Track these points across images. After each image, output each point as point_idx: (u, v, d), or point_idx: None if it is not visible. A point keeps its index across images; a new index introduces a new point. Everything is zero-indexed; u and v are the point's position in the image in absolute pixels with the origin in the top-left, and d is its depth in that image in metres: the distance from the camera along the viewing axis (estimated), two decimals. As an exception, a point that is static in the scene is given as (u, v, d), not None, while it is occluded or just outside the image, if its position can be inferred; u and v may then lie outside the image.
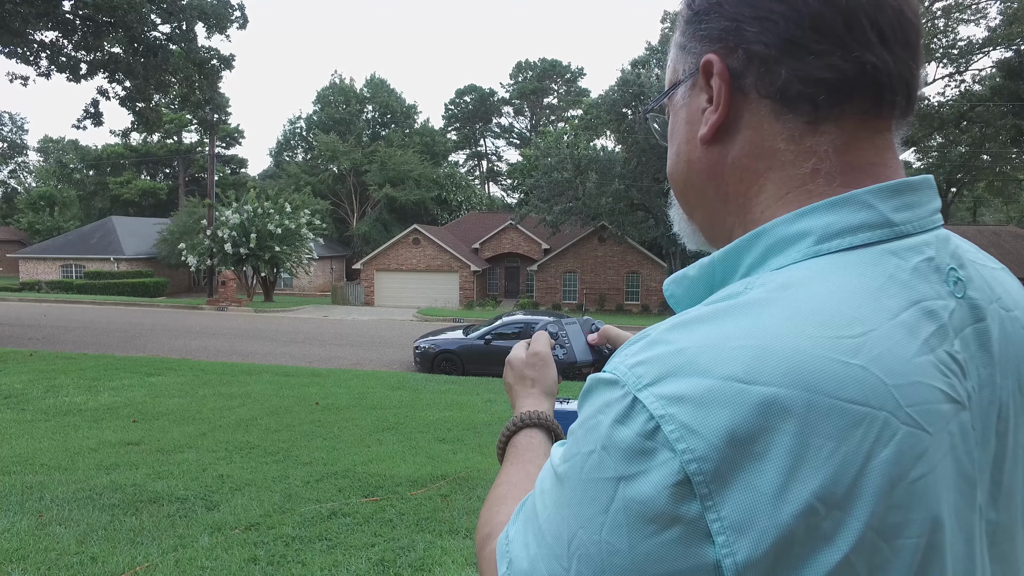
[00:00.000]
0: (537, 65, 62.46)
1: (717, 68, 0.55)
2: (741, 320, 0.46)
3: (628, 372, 0.46)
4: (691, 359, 0.44)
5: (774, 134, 0.53)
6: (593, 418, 0.47)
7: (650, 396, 0.44)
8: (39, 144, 64.76)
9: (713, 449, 0.41)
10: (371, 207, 49.45)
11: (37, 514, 4.08)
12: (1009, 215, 50.00)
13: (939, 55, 29.94)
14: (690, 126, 0.60)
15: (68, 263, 36.23)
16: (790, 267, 0.50)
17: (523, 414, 0.82)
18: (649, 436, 0.43)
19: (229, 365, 11.62)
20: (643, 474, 0.43)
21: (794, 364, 0.42)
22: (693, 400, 0.42)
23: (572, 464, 0.48)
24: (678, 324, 0.48)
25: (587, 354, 0.96)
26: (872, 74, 0.50)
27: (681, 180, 0.63)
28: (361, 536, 3.83)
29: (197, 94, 17.25)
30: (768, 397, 0.41)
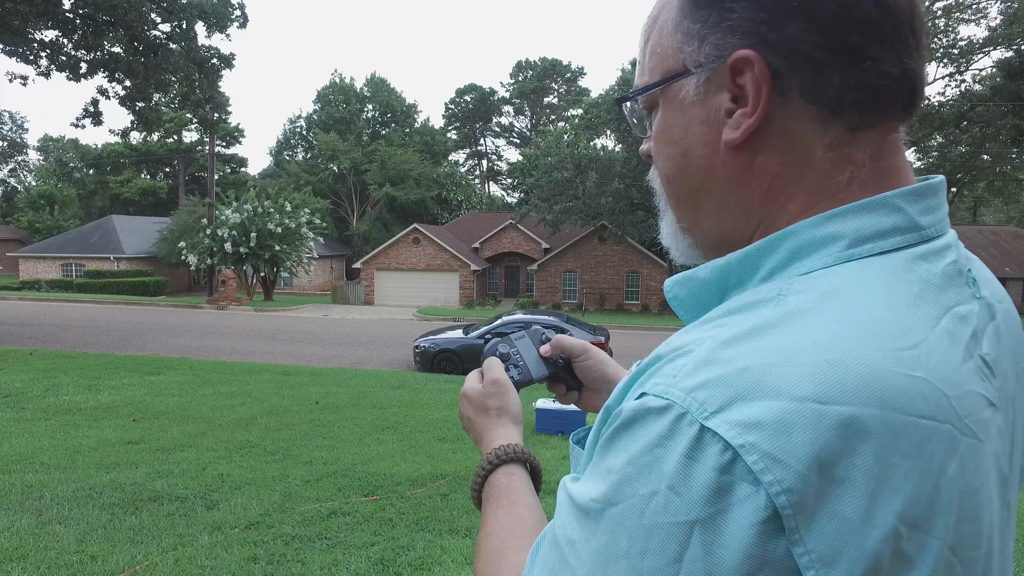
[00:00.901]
0: (537, 64, 62.44)
1: (758, 68, 0.49)
2: (798, 332, 0.43)
3: (687, 397, 0.41)
4: (759, 379, 0.40)
5: (813, 141, 0.50)
6: (648, 453, 0.42)
7: (722, 424, 0.40)
8: (39, 143, 64.77)
9: (800, 478, 0.38)
10: (371, 206, 49.45)
11: (37, 513, 4.08)
12: (1009, 215, 49.99)
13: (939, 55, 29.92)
14: (708, 127, 0.53)
15: (68, 262, 36.22)
16: (823, 272, 0.47)
17: (497, 449, 0.75)
18: (726, 470, 0.39)
19: (229, 364, 11.62)
20: (723, 514, 0.39)
21: (865, 380, 0.40)
22: (772, 425, 0.39)
23: (625, 509, 0.42)
24: (731, 339, 0.44)
25: (542, 369, 0.89)
26: (911, 79, 0.50)
27: (690, 186, 0.56)
28: (361, 535, 3.83)
29: (197, 93, 17.23)
30: (846, 417, 0.39)
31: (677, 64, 0.55)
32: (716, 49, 0.52)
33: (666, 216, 0.62)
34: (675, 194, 0.59)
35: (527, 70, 62.79)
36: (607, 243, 30.37)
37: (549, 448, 6.20)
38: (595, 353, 0.91)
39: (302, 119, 57.16)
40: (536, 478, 0.75)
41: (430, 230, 33.31)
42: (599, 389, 0.90)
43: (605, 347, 12.44)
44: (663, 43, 0.56)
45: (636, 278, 30.84)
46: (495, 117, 64.43)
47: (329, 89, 55.69)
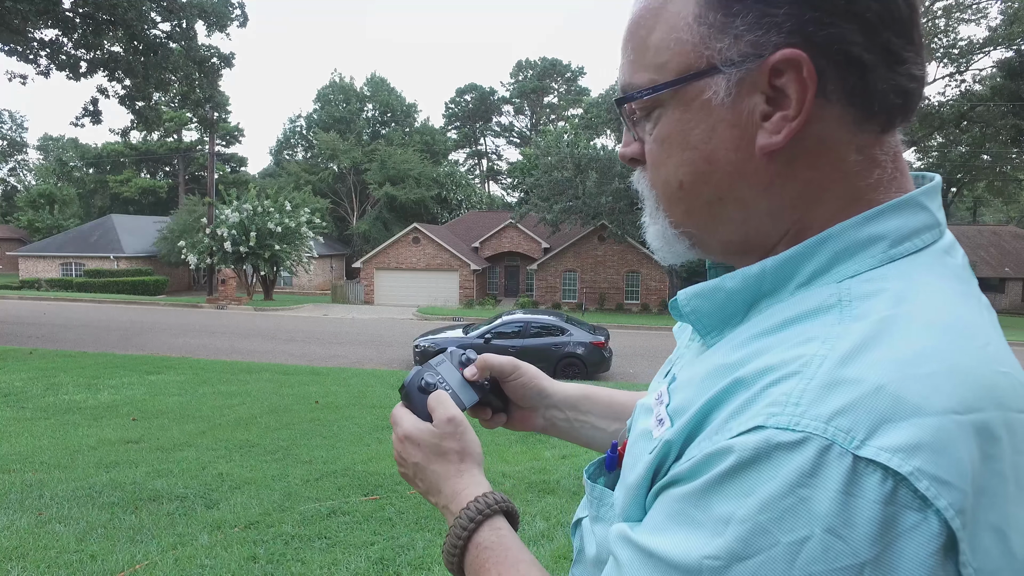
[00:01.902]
0: (537, 64, 62.45)
1: (806, 69, 0.46)
2: (900, 341, 0.41)
3: (828, 427, 0.38)
4: (897, 397, 0.38)
5: (847, 144, 0.49)
6: (791, 495, 0.37)
7: (879, 451, 0.37)
8: (39, 142, 64.83)
9: (965, 497, 0.36)
10: (371, 206, 49.45)
11: (37, 512, 4.08)
12: (1009, 215, 50.02)
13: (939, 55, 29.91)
14: (737, 130, 0.50)
15: (68, 261, 36.21)
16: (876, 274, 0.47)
17: (477, 502, 0.65)
18: (889, 501, 0.36)
19: (229, 363, 11.62)
20: (892, 548, 0.36)
21: (981, 383, 0.40)
22: (929, 446, 0.37)
23: (764, 562, 0.38)
24: (844, 356, 0.41)
25: (471, 394, 0.80)
26: (923, 81, 0.50)
27: (713, 194, 0.52)
28: (360, 535, 3.83)
29: (197, 92, 17.24)
30: (980, 424, 0.38)
31: (700, 61, 0.50)
32: (754, 47, 0.48)
33: (658, 220, 0.58)
34: (688, 201, 0.54)
35: (527, 70, 62.80)
36: (607, 243, 30.38)
37: (549, 448, 6.20)
38: (527, 369, 0.85)
39: (302, 118, 57.22)
40: (514, 523, 0.67)
41: (430, 229, 33.31)
42: (534, 406, 0.84)
43: (605, 346, 12.44)
44: (678, 37, 0.51)
45: (636, 278, 30.84)
46: (495, 117, 64.45)
47: (329, 89, 55.69)
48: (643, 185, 0.59)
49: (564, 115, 59.20)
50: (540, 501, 4.53)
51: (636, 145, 0.58)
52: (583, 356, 12.24)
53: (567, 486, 4.89)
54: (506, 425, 0.86)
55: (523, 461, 5.65)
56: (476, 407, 0.82)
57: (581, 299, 30.86)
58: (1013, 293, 34.22)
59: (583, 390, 0.87)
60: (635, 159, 0.58)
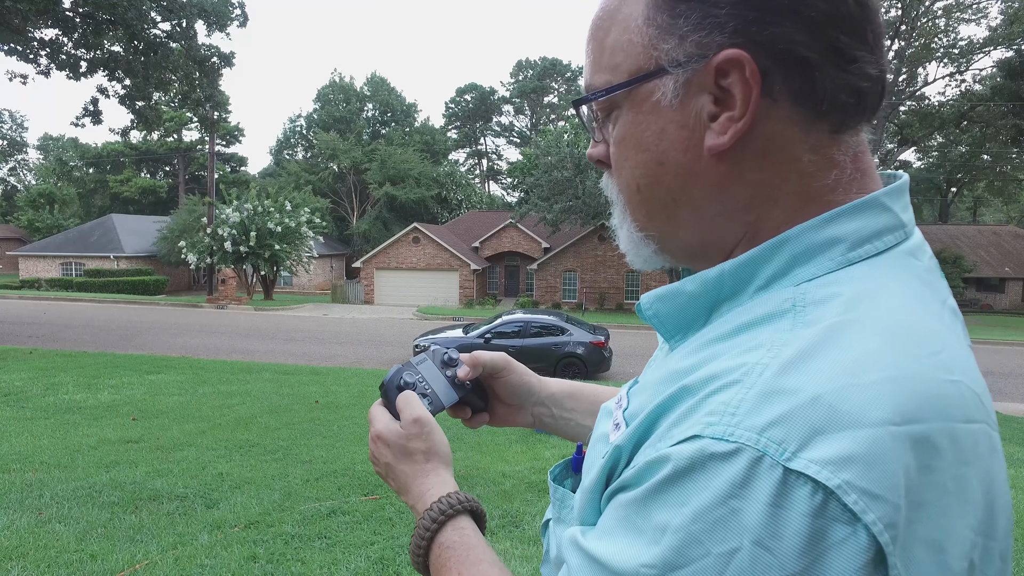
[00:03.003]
0: (537, 64, 62.44)
1: (749, 69, 0.46)
2: (844, 350, 0.40)
3: (760, 438, 0.38)
4: (833, 408, 0.38)
5: (798, 145, 0.48)
6: (722, 505, 0.37)
7: (809, 464, 0.36)
8: (39, 142, 64.82)
9: (896, 510, 0.36)
10: (371, 205, 49.44)
11: (37, 511, 4.08)
12: (1009, 215, 50.01)
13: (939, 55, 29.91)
14: (685, 132, 0.50)
15: (68, 261, 36.21)
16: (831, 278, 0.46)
17: (440, 503, 0.65)
18: (818, 514, 0.36)
19: (229, 363, 11.62)
20: (820, 562, 0.35)
21: (923, 394, 0.39)
22: (861, 459, 0.36)
23: (694, 572, 0.38)
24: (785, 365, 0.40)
25: (452, 393, 0.79)
26: (882, 80, 0.49)
27: (666, 196, 0.52)
28: (360, 534, 3.83)
29: (197, 92, 17.22)
30: (919, 436, 0.37)
31: (649, 63, 0.50)
32: (699, 48, 0.48)
33: (624, 225, 0.58)
34: (645, 203, 0.54)
35: (527, 69, 62.79)
36: (607, 242, 30.36)
37: (549, 448, 6.20)
38: (516, 366, 0.84)
39: (302, 118, 57.21)
40: (480, 523, 0.67)
41: (430, 229, 33.30)
42: (522, 404, 0.84)
43: (605, 346, 12.44)
44: (629, 39, 0.51)
45: (636, 278, 30.82)
46: (495, 116, 64.45)
47: (329, 88, 55.68)
48: (611, 188, 0.58)
49: (564, 115, 59.17)
50: (540, 501, 4.53)
51: (602, 146, 0.58)
52: (583, 356, 12.24)
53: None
54: (491, 422, 0.85)
55: (523, 461, 5.65)
56: (456, 407, 0.82)
57: (581, 299, 30.85)
58: (1013, 293, 34.20)
59: (570, 387, 0.87)
60: (601, 161, 0.58)
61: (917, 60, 29.43)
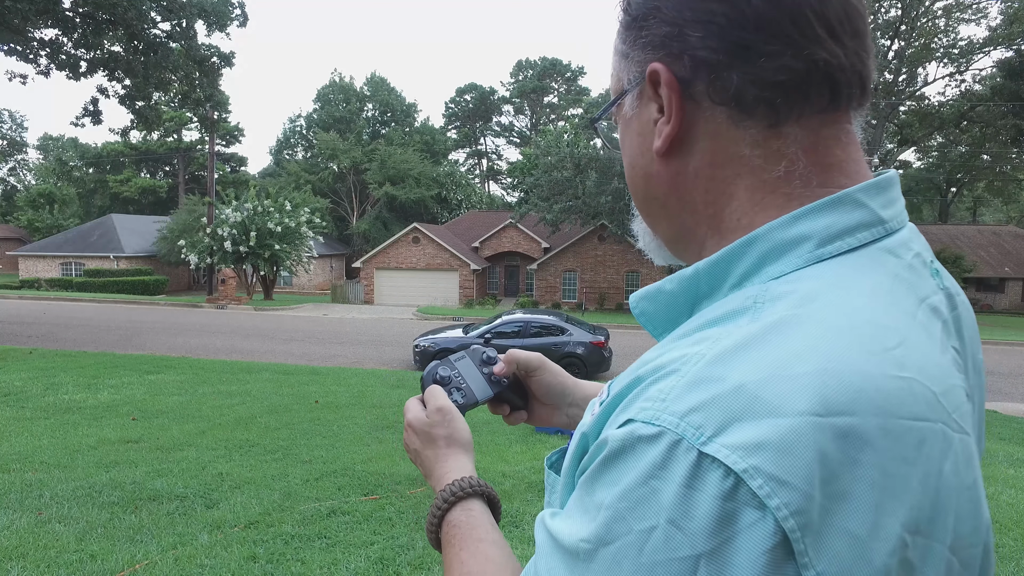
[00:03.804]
0: (537, 64, 62.42)
1: (665, 78, 0.52)
2: (786, 343, 0.41)
3: (680, 423, 0.40)
4: (755, 397, 0.39)
5: (736, 140, 0.51)
6: (643, 485, 0.40)
7: (721, 449, 0.38)
8: (39, 142, 64.85)
9: (806, 499, 0.36)
10: (371, 205, 49.44)
11: (36, 511, 4.08)
12: (1009, 215, 50.02)
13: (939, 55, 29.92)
14: (642, 138, 0.56)
15: (68, 261, 36.20)
16: (796, 275, 0.47)
17: (452, 485, 0.69)
18: (728, 497, 0.37)
19: (229, 363, 11.62)
20: (729, 544, 0.37)
21: (859, 388, 0.39)
22: (774, 446, 0.37)
23: (621, 548, 0.40)
24: (718, 355, 0.42)
25: (487, 389, 0.83)
26: (825, 70, 0.49)
27: (640, 193, 0.59)
28: (360, 534, 3.83)
29: (197, 92, 17.22)
30: (845, 428, 0.38)
31: (619, 84, 0.59)
32: (639, 65, 0.55)
33: (638, 219, 0.64)
34: (635, 200, 0.62)
35: (527, 69, 62.77)
36: (607, 242, 30.37)
37: (549, 448, 6.20)
38: (551, 366, 0.87)
39: (302, 118, 57.19)
40: (495, 510, 0.71)
41: (430, 229, 33.29)
42: (557, 404, 0.87)
43: (605, 346, 12.44)
44: (614, 67, 0.60)
45: (636, 278, 30.83)
46: (495, 116, 64.44)
47: (329, 88, 55.67)
48: None
49: (564, 115, 59.21)
50: (540, 501, 4.53)
51: None
52: (583, 356, 12.25)
53: (567, 486, 4.89)
54: (528, 421, 0.89)
55: (523, 461, 5.65)
56: (495, 404, 0.86)
57: (581, 299, 30.85)
58: (1013, 293, 34.20)
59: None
60: None
61: (917, 60, 29.44)
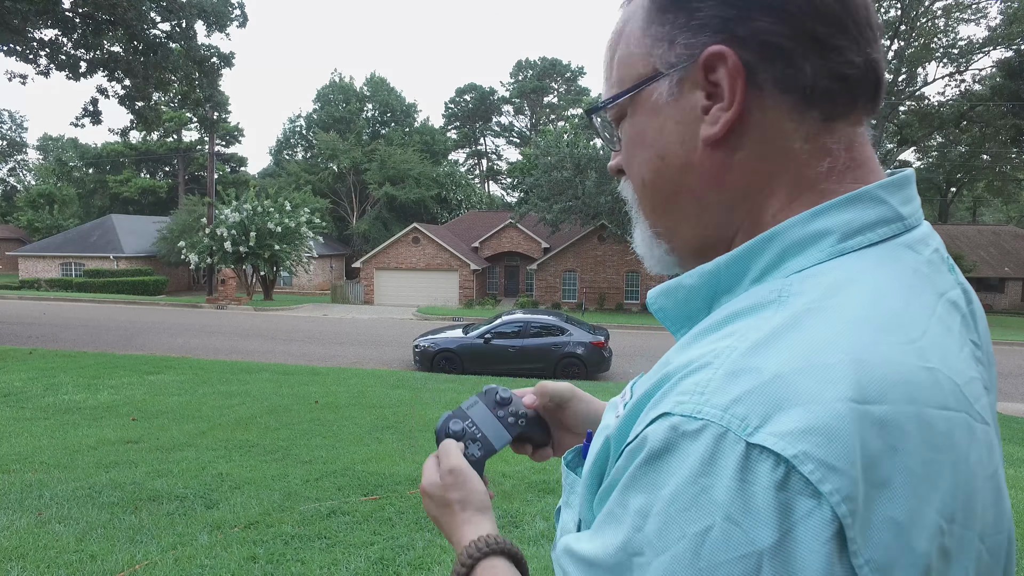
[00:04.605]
0: (537, 64, 62.41)
1: (732, 62, 0.49)
2: (815, 331, 0.42)
3: (725, 415, 0.39)
4: (792, 385, 0.39)
5: (790, 132, 0.50)
6: (693, 484, 0.38)
7: (768, 437, 0.37)
8: (38, 142, 64.89)
9: (854, 484, 0.36)
10: (371, 205, 49.44)
11: (36, 512, 4.08)
12: (1009, 215, 50.04)
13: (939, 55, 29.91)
14: (683, 126, 0.53)
15: (68, 261, 36.20)
16: (819, 268, 0.47)
17: (470, 546, 0.66)
18: (782, 486, 0.36)
19: (229, 363, 11.62)
20: (790, 535, 0.36)
21: (891, 377, 0.39)
22: (820, 431, 0.37)
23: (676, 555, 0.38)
24: (752, 346, 0.42)
25: (505, 433, 0.79)
26: (875, 70, 0.51)
27: (668, 188, 0.55)
28: (360, 534, 3.83)
29: (197, 92, 17.23)
30: (882, 417, 0.38)
31: (647, 69, 0.55)
32: (687, 48, 0.52)
33: (639, 224, 0.61)
34: (651, 198, 0.58)
35: (527, 70, 62.76)
36: (607, 242, 30.37)
37: (549, 447, 6.20)
38: (582, 395, 0.85)
39: (302, 118, 57.15)
40: (522, 568, 0.67)
41: (430, 229, 33.30)
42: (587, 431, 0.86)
43: (605, 346, 12.44)
44: (631, 51, 0.56)
45: (636, 278, 30.83)
46: (495, 117, 64.42)
47: (329, 89, 55.66)
48: (627, 192, 0.62)
49: (564, 115, 59.20)
50: (540, 501, 4.53)
51: (616, 158, 0.62)
52: (583, 356, 12.24)
53: (567, 486, 4.89)
54: (556, 454, 0.85)
55: (523, 461, 5.65)
56: (517, 444, 0.81)
57: (581, 299, 30.85)
58: (1013, 293, 34.20)
59: None
60: (620, 169, 0.62)
61: (917, 60, 29.44)
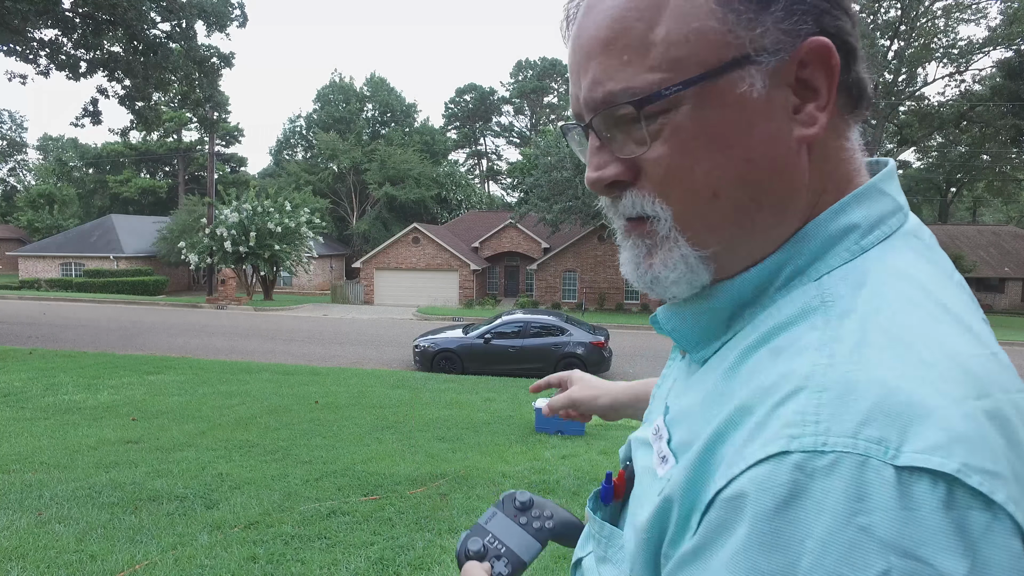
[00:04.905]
0: (537, 64, 62.42)
1: (834, 58, 0.46)
2: (892, 333, 0.39)
3: (857, 441, 0.34)
4: (910, 394, 0.35)
5: (842, 131, 0.50)
6: (848, 526, 0.32)
7: (917, 456, 0.33)
8: (38, 142, 64.87)
9: (1016, 484, 0.34)
10: (371, 206, 49.44)
11: (36, 512, 4.08)
12: (1009, 215, 50.05)
13: (939, 55, 29.92)
14: (775, 125, 0.46)
15: (68, 261, 36.19)
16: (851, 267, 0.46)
17: None
18: (949, 505, 0.32)
19: (228, 363, 11.62)
20: (979, 555, 0.31)
21: (981, 368, 0.38)
22: (966, 438, 0.34)
23: None
24: (841, 361, 0.38)
25: (532, 542, 0.74)
26: None
27: (749, 195, 0.47)
28: (360, 535, 3.83)
29: (197, 92, 17.23)
30: (994, 410, 0.36)
31: (729, 51, 0.45)
32: (787, 35, 0.45)
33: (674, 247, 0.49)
34: (721, 211, 0.47)
35: (527, 70, 62.77)
36: (607, 242, 30.35)
37: (549, 448, 6.20)
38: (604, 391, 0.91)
39: (302, 118, 57.16)
40: None
41: (430, 229, 33.29)
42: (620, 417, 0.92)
43: (604, 346, 12.44)
44: (698, 28, 0.46)
45: (636, 278, 30.81)
46: (495, 117, 64.43)
47: (329, 89, 55.66)
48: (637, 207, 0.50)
49: (564, 115, 59.15)
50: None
51: (616, 165, 0.50)
52: (583, 356, 12.24)
53: (567, 486, 4.89)
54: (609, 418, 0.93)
55: (523, 461, 5.65)
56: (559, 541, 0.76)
57: (581, 299, 30.85)
58: (1013, 293, 34.19)
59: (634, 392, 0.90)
60: (617, 181, 0.51)
61: (917, 60, 29.43)
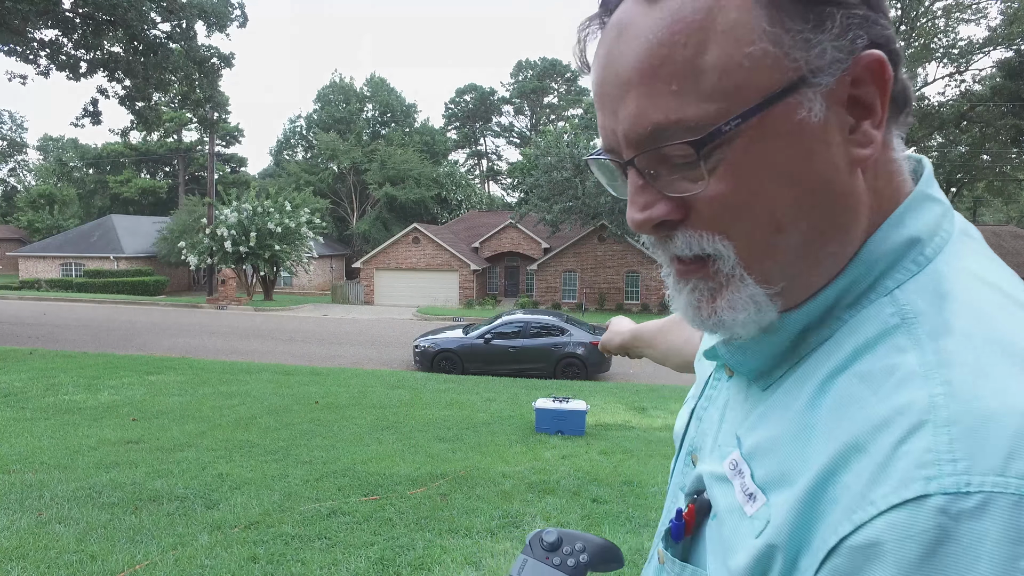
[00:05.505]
0: (537, 64, 62.41)
1: (888, 72, 0.43)
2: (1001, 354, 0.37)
3: (1006, 479, 0.32)
4: None
5: (890, 144, 0.47)
6: (1012, 570, 0.31)
7: None
8: (39, 142, 64.77)
9: None
10: (371, 206, 49.45)
11: (37, 512, 4.08)
12: (1009, 215, 50.04)
13: (939, 55, 29.92)
14: (833, 148, 0.43)
15: (68, 261, 36.20)
16: (922, 279, 0.44)
17: None
18: None
19: (229, 364, 11.62)
20: None
21: None
22: None
23: None
24: (960, 389, 0.36)
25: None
26: None
27: (813, 228, 0.44)
28: (360, 535, 3.84)
29: (197, 92, 17.25)
30: None
31: (784, 76, 0.41)
32: (840, 51, 0.42)
33: (740, 287, 0.46)
34: (786, 245, 0.44)
35: (527, 70, 62.76)
36: (607, 243, 30.37)
37: (549, 448, 6.20)
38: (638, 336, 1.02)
39: (302, 119, 57.18)
40: None
41: (430, 230, 33.30)
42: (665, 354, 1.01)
43: (605, 347, 12.45)
44: (751, 52, 0.41)
45: (636, 278, 30.83)
46: (495, 117, 64.42)
47: (329, 89, 55.68)
48: (695, 247, 0.46)
49: (564, 115, 59.21)
50: (540, 501, 4.53)
51: (664, 204, 0.46)
52: (583, 356, 12.24)
53: (567, 486, 4.89)
54: None
55: (523, 461, 5.65)
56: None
57: (581, 299, 30.84)
58: (1013, 293, 34.12)
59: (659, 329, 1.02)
60: (666, 221, 0.47)
61: (917, 60, 29.43)
